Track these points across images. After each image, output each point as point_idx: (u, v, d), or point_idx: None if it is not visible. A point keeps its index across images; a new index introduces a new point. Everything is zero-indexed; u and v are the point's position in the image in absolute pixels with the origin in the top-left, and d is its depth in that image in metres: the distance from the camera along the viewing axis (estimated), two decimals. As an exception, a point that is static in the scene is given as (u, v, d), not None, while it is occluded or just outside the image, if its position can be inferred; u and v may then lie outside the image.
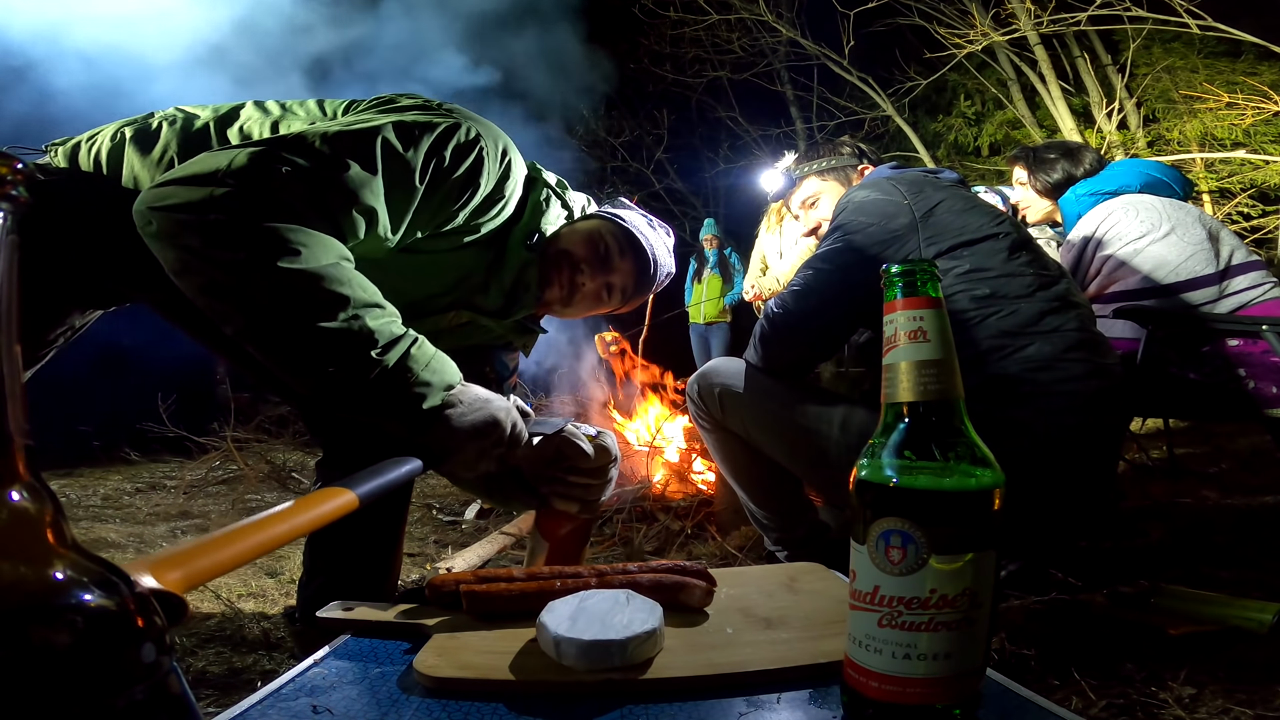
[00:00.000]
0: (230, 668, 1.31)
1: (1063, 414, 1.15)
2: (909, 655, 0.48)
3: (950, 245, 1.26)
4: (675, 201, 8.92)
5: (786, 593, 0.78)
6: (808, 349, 1.36)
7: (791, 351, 1.35)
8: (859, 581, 0.51)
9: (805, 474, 1.37)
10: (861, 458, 0.53)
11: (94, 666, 0.28)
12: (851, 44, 5.85)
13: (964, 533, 0.48)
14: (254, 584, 1.83)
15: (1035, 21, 4.95)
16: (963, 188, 1.40)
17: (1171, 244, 1.76)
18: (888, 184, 1.34)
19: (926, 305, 0.52)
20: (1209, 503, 2.12)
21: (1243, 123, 4.85)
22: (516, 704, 0.57)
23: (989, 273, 1.23)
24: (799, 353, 1.36)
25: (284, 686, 0.60)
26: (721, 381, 1.39)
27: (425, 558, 2.15)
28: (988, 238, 1.27)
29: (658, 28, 6.93)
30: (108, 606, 0.30)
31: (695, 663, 0.61)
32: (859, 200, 1.32)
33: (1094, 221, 1.84)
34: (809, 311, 1.30)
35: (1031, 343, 1.18)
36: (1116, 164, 2.03)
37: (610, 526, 2.25)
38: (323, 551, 1.22)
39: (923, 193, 1.31)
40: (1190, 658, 1.08)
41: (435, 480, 3.67)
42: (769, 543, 1.49)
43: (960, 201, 1.31)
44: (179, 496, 3.24)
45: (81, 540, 0.35)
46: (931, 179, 1.39)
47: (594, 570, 0.76)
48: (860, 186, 1.39)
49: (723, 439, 1.42)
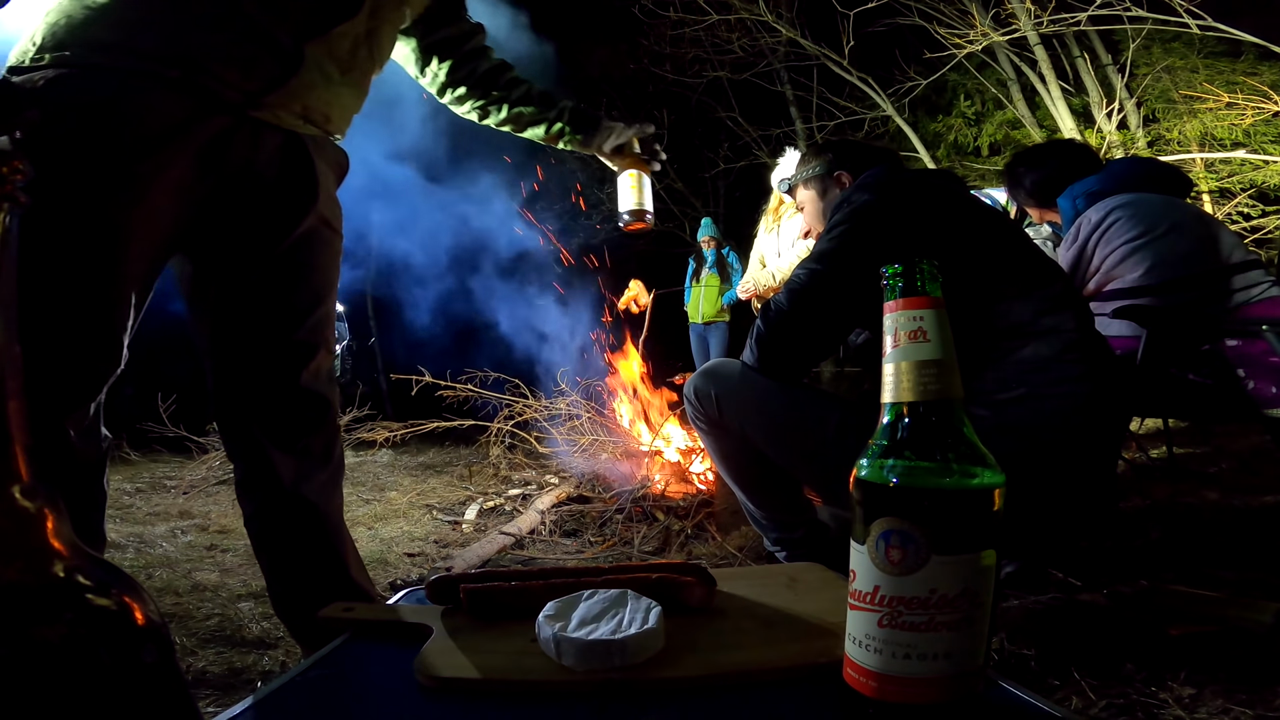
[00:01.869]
0: (230, 668, 1.32)
1: (1060, 416, 1.15)
2: (909, 655, 0.48)
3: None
4: (675, 201, 8.92)
5: (786, 593, 0.78)
6: (803, 350, 1.36)
7: (787, 353, 1.34)
8: (859, 581, 0.51)
9: (802, 474, 1.37)
10: (861, 458, 0.53)
11: (94, 666, 0.28)
12: (851, 44, 5.85)
13: (964, 532, 0.49)
14: (254, 584, 1.83)
15: (1035, 22, 4.95)
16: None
17: (1170, 243, 1.76)
18: (883, 184, 1.34)
19: (926, 305, 0.52)
20: (1209, 503, 2.12)
21: (1243, 123, 4.86)
22: (516, 704, 0.57)
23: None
24: (794, 354, 1.36)
25: (284, 686, 0.60)
26: (718, 382, 1.39)
27: (425, 558, 2.15)
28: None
29: (658, 28, 6.93)
30: (108, 606, 0.30)
31: (695, 663, 0.61)
32: (855, 201, 1.32)
33: (1093, 220, 1.84)
34: (803, 313, 1.30)
35: (1028, 344, 1.18)
36: (1115, 162, 2.03)
37: (610, 526, 2.25)
38: (265, 559, 1.17)
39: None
40: (1190, 658, 1.08)
41: (435, 480, 3.67)
42: (768, 543, 1.49)
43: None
44: (179, 496, 3.24)
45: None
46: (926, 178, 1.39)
47: (594, 570, 0.76)
48: (855, 188, 1.39)
49: (720, 440, 1.42)
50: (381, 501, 3.01)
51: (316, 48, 1.04)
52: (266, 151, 1.06)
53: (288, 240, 1.11)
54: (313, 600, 1.01)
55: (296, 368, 1.13)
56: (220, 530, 2.52)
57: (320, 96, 1.08)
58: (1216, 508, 2.06)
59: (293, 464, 1.12)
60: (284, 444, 1.12)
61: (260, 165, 1.06)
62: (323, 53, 1.06)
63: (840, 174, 1.54)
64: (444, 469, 4.08)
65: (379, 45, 1.17)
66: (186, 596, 1.74)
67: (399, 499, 3.11)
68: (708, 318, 5.46)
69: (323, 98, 1.09)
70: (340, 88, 1.11)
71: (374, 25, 1.12)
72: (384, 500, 3.05)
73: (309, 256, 1.14)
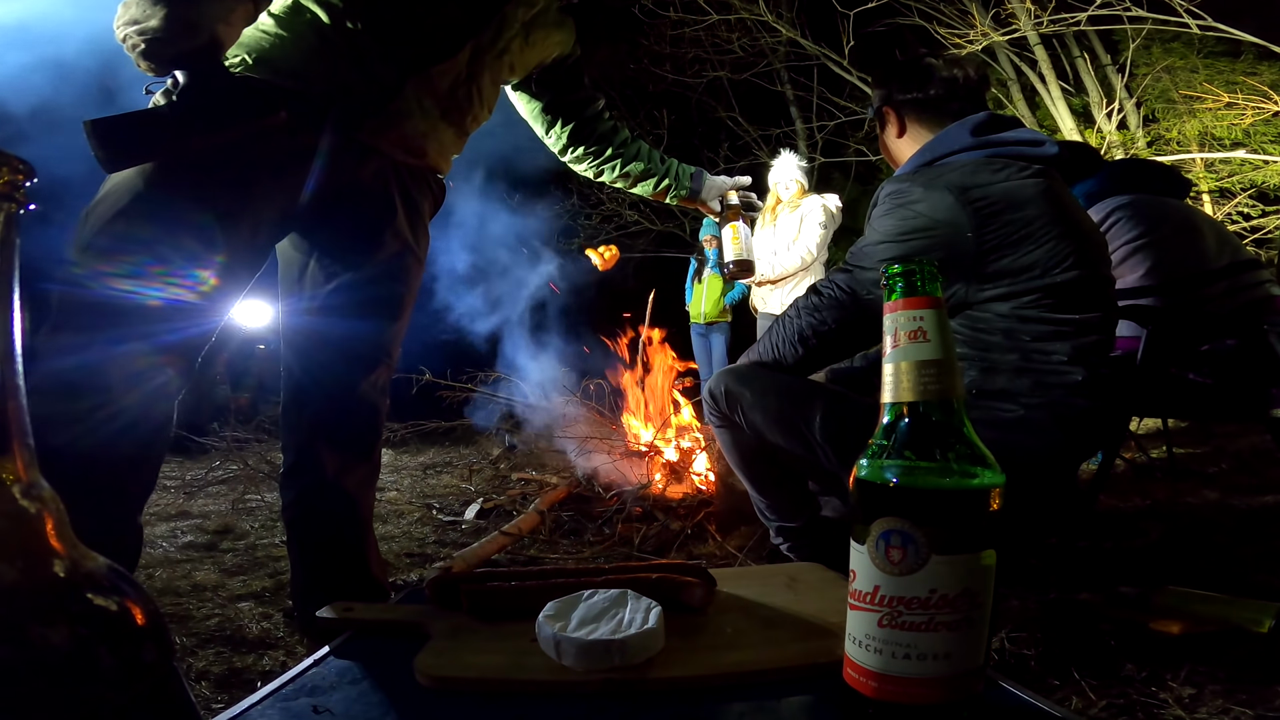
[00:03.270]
0: (230, 668, 1.31)
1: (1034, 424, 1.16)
2: (909, 655, 0.48)
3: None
4: (675, 201, 8.92)
5: (786, 593, 0.78)
6: (841, 353, 1.40)
7: (824, 359, 1.38)
8: (859, 581, 0.51)
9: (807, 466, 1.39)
10: (861, 457, 0.53)
11: (94, 666, 0.28)
12: (851, 44, 5.84)
13: (964, 532, 0.49)
14: (254, 584, 1.83)
15: (1035, 21, 4.95)
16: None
17: (1170, 243, 1.76)
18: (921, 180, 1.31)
19: (927, 305, 0.52)
20: (1209, 503, 2.12)
21: (1242, 122, 4.85)
22: (516, 704, 0.57)
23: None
24: (832, 358, 1.40)
25: (284, 686, 0.60)
26: (731, 379, 1.41)
27: (425, 558, 2.15)
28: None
29: (658, 28, 6.92)
30: (108, 606, 0.30)
31: (695, 663, 0.61)
32: (899, 197, 1.31)
33: (1096, 218, 1.84)
34: (843, 326, 1.31)
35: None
36: (1114, 163, 2.03)
37: (610, 526, 2.25)
38: (296, 545, 1.25)
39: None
40: (1190, 658, 1.08)
41: (435, 480, 3.67)
42: (772, 535, 1.51)
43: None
44: (179, 496, 3.24)
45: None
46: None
47: (594, 570, 0.76)
48: (898, 176, 1.36)
49: (731, 433, 1.45)
50: (381, 501, 3.00)
51: (417, 83, 1.17)
52: (367, 171, 1.17)
53: (374, 257, 1.22)
54: (333, 592, 1.06)
55: (359, 376, 1.24)
56: (220, 530, 2.52)
57: (416, 127, 1.19)
58: (1216, 508, 2.06)
59: (337, 458, 1.22)
60: (333, 441, 1.22)
61: (362, 182, 1.17)
62: (422, 89, 1.18)
63: (887, 109, 1.38)
64: (444, 469, 4.08)
65: (481, 91, 1.28)
66: (186, 596, 1.74)
67: (399, 499, 3.11)
68: (709, 318, 5.45)
69: (419, 129, 1.20)
70: (438, 123, 1.23)
71: (474, 70, 1.24)
72: (384, 500, 3.05)
73: (391, 276, 1.25)
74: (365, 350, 1.25)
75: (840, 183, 7.37)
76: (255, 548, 2.26)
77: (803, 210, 3.61)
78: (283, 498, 1.26)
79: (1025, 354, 1.17)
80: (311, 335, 1.23)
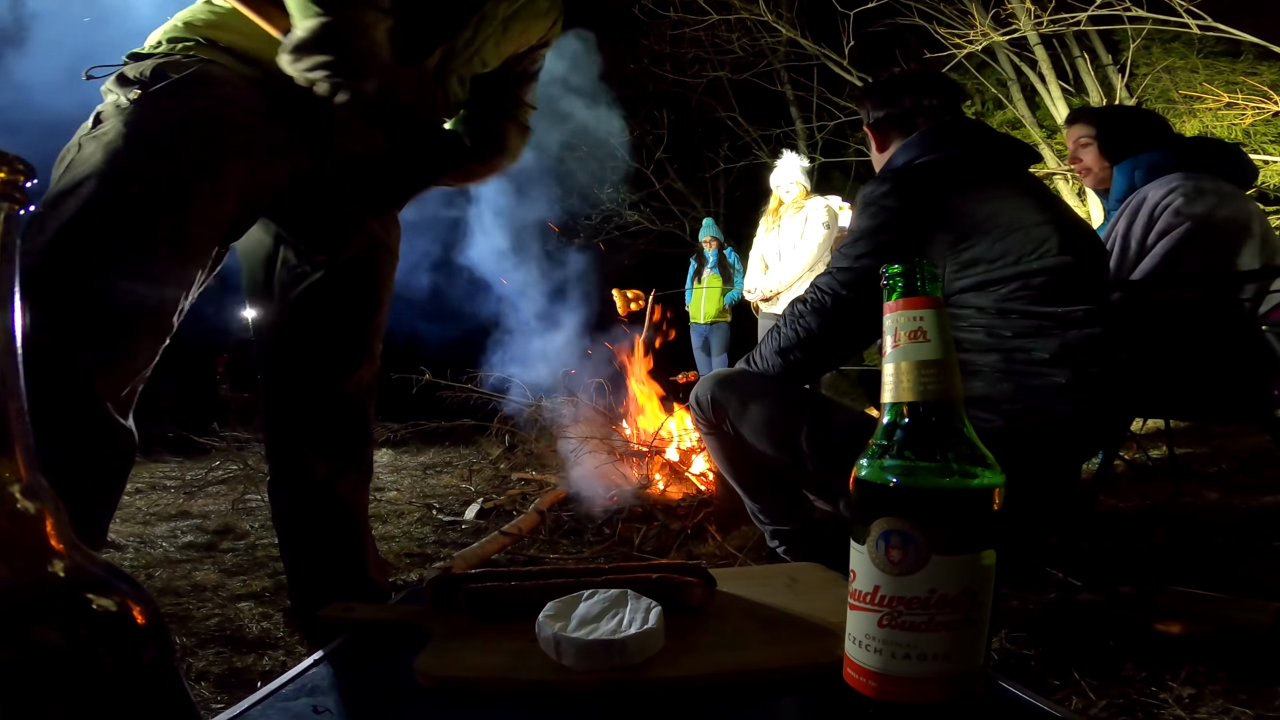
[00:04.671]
0: (230, 668, 1.32)
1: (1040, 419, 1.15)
2: (909, 655, 0.48)
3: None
4: (675, 201, 8.90)
5: (786, 593, 0.78)
6: (829, 363, 1.41)
7: (812, 369, 1.38)
8: (859, 581, 0.51)
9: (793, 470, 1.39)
10: (861, 458, 0.53)
11: (94, 666, 0.28)
12: (851, 44, 5.84)
13: (964, 532, 0.48)
14: (254, 584, 1.83)
15: (1035, 21, 4.94)
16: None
17: (1217, 235, 1.67)
18: (901, 180, 1.33)
19: (926, 305, 0.52)
20: (1209, 503, 2.12)
21: (1242, 122, 4.85)
22: (516, 704, 0.57)
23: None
24: (820, 368, 1.40)
25: (284, 686, 0.60)
26: (722, 389, 1.41)
27: (425, 558, 2.15)
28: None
29: (658, 28, 6.92)
30: (107, 606, 0.30)
31: (695, 663, 0.61)
32: (875, 201, 1.32)
33: (1157, 194, 1.73)
34: (830, 332, 1.32)
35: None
36: (1185, 140, 1.92)
37: (610, 526, 2.25)
38: (290, 554, 1.23)
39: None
40: (1190, 658, 1.08)
41: (435, 480, 3.67)
42: (768, 538, 1.51)
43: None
44: (179, 496, 3.24)
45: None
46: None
47: (594, 570, 0.76)
48: (879, 178, 1.38)
49: (720, 440, 1.44)
50: (381, 501, 3.00)
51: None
52: (329, 165, 1.14)
53: (346, 252, 1.18)
54: (331, 595, 1.04)
55: (342, 377, 1.20)
56: (220, 530, 2.52)
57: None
58: (1216, 508, 2.06)
59: (327, 463, 1.19)
60: (320, 447, 1.19)
61: (323, 175, 1.14)
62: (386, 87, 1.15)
63: (869, 130, 1.45)
64: (444, 469, 4.08)
65: (449, 91, 1.23)
66: (186, 596, 1.74)
67: (399, 499, 3.11)
68: (709, 318, 5.45)
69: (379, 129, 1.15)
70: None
71: (443, 72, 1.20)
72: (384, 500, 3.04)
73: (365, 271, 1.21)
74: (344, 350, 1.20)
75: (840, 183, 7.37)
76: (255, 548, 2.26)
77: (806, 211, 3.62)
78: (272, 506, 1.23)
79: (1006, 354, 1.16)
80: (285, 339, 1.18)
